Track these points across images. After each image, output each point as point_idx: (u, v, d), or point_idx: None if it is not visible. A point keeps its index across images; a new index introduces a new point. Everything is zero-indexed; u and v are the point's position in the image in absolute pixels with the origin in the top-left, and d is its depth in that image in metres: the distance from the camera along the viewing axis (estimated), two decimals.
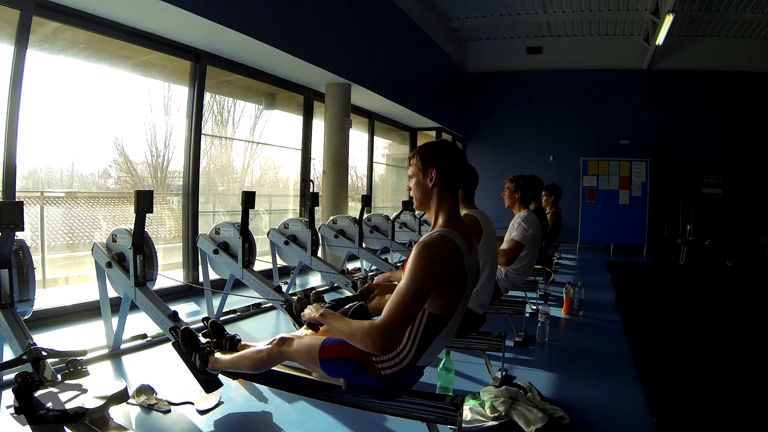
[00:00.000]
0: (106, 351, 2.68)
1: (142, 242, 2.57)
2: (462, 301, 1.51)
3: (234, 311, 3.64)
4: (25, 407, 1.50)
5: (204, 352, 1.99)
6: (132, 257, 2.56)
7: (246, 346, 2.11)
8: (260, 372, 1.81)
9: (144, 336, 2.89)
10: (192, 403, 2.06)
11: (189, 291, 4.25)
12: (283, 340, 1.71)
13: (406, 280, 1.39)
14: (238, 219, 3.33)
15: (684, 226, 8.24)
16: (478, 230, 2.31)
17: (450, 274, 1.42)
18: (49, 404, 1.50)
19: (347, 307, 1.82)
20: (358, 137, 7.54)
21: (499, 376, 2.48)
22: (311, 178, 5.94)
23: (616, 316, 3.96)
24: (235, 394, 2.20)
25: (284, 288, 3.78)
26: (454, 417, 1.59)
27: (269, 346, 1.74)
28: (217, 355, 1.97)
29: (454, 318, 1.51)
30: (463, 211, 2.42)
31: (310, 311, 1.63)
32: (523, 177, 3.23)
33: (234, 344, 2.12)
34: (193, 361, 2.00)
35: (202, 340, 2.08)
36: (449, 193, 1.55)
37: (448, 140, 1.54)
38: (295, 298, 2.72)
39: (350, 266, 5.52)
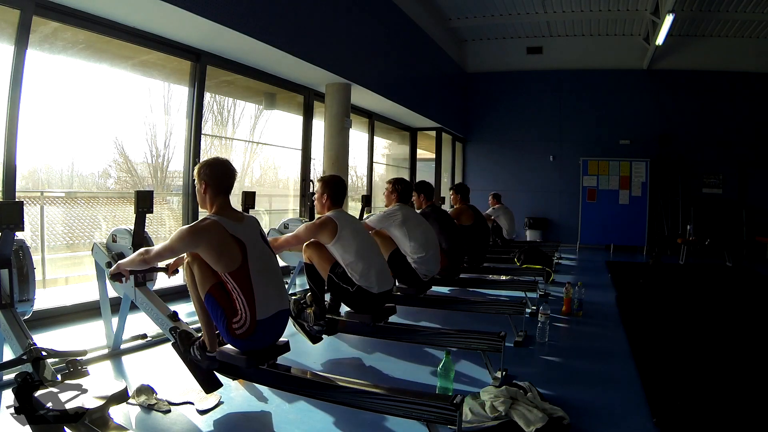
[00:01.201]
0: (106, 351, 2.67)
1: (142, 242, 2.56)
2: (249, 256, 1.95)
3: None
4: (25, 407, 1.50)
5: (200, 341, 2.05)
6: None
7: None
8: (202, 287, 2.03)
9: (144, 336, 2.89)
10: (192, 403, 2.06)
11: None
12: (192, 262, 2.03)
13: (171, 237, 1.97)
14: None
15: (684, 226, 8.24)
16: (332, 226, 2.68)
17: (210, 240, 1.92)
18: (49, 404, 1.50)
19: (150, 268, 2.22)
20: (358, 137, 7.55)
21: (499, 376, 2.48)
22: (311, 178, 5.94)
23: (616, 316, 3.96)
24: (235, 394, 2.20)
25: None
26: (454, 417, 1.59)
27: (186, 262, 2.08)
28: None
29: (252, 270, 1.95)
30: (326, 213, 2.79)
31: (113, 268, 2.13)
32: (399, 180, 3.76)
33: None
34: (192, 357, 2.02)
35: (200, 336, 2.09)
36: (217, 196, 2.05)
37: (219, 157, 1.92)
38: (293, 299, 2.73)
39: None
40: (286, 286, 4.14)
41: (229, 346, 2.03)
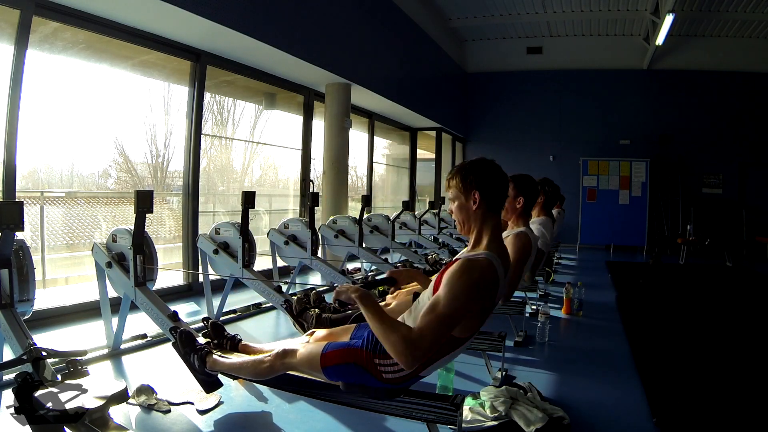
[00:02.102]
0: (106, 351, 2.67)
1: (142, 242, 2.57)
2: (481, 326, 1.52)
3: (234, 311, 3.64)
4: (25, 407, 1.50)
5: (202, 352, 1.99)
6: (132, 257, 2.56)
7: (247, 347, 2.12)
8: (260, 379, 1.82)
9: (144, 336, 2.89)
10: (192, 403, 2.06)
11: (189, 291, 4.25)
12: (286, 353, 1.70)
13: (447, 295, 1.34)
14: (238, 219, 3.33)
15: (684, 226, 8.24)
16: (528, 249, 2.33)
17: (484, 302, 1.42)
18: (49, 404, 1.50)
19: (378, 279, 1.79)
20: (358, 137, 7.55)
21: (499, 376, 2.48)
22: (311, 178, 5.94)
23: (616, 316, 3.96)
24: (235, 394, 2.20)
25: (284, 288, 3.78)
26: (454, 417, 1.59)
27: (271, 357, 1.73)
28: (216, 356, 1.98)
29: (469, 341, 1.52)
30: (519, 228, 2.42)
31: (345, 288, 1.50)
32: (547, 181, 3.28)
33: (235, 344, 2.13)
34: (192, 362, 2.01)
35: (202, 340, 2.08)
36: (493, 214, 1.52)
37: (486, 158, 1.48)
38: (295, 298, 2.72)
39: (350, 266, 5.52)
40: (286, 286, 4.15)
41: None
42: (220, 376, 2.06)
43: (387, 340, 1.37)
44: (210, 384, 2.02)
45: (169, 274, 4.23)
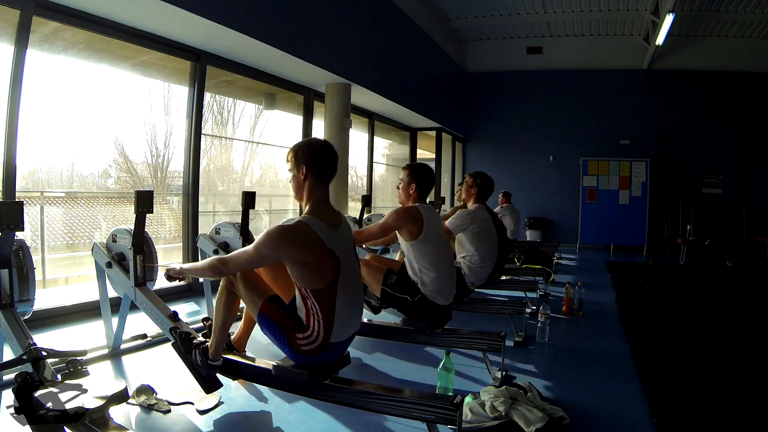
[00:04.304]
0: (106, 351, 2.67)
1: (142, 242, 2.57)
2: (341, 275, 1.70)
3: None
4: (25, 407, 1.50)
5: (203, 347, 2.01)
6: (132, 257, 2.56)
7: (239, 341, 2.17)
8: (233, 310, 1.96)
9: (144, 336, 2.89)
10: (192, 403, 2.06)
11: (189, 291, 4.25)
12: (249, 274, 1.88)
13: (254, 243, 1.70)
14: (238, 219, 3.33)
15: (684, 226, 8.24)
16: (420, 222, 2.48)
17: (304, 252, 1.64)
18: (49, 404, 1.50)
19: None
20: (358, 137, 7.54)
21: (499, 376, 2.48)
22: None
23: (616, 316, 3.96)
24: (235, 394, 2.20)
25: None
26: (454, 417, 1.59)
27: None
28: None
29: (342, 291, 1.70)
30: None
31: (173, 268, 1.94)
32: (480, 174, 3.51)
33: (231, 345, 2.15)
34: (193, 360, 2.01)
35: (202, 340, 2.08)
36: (318, 185, 1.77)
37: (319, 138, 1.67)
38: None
39: None
40: None
41: (285, 358, 1.85)
42: (220, 376, 2.07)
43: (204, 268, 1.82)
44: (210, 384, 2.02)
45: None
